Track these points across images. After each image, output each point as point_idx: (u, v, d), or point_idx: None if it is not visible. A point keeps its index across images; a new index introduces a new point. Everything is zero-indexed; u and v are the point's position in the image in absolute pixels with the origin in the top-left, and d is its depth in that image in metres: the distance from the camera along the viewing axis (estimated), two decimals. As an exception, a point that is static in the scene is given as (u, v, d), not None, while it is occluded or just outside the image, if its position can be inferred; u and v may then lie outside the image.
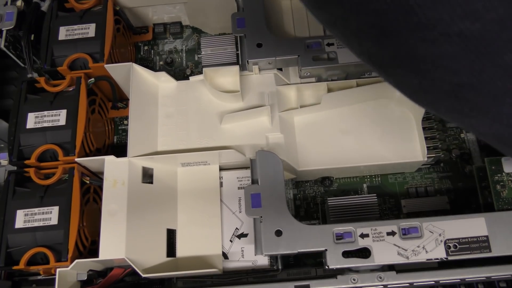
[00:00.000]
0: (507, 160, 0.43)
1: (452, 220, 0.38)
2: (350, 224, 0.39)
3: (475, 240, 0.37)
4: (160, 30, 0.55)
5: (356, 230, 0.38)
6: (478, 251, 0.37)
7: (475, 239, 0.37)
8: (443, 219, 0.38)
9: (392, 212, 0.47)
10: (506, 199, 0.42)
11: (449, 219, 0.38)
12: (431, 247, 0.37)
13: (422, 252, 0.37)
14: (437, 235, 0.38)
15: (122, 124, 0.53)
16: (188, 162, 0.45)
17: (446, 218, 0.38)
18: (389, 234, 0.38)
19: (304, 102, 0.47)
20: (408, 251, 0.37)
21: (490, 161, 0.43)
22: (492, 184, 0.43)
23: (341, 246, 0.38)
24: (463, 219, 0.38)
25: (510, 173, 0.43)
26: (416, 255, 0.37)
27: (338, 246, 0.38)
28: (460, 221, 0.38)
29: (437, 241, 0.38)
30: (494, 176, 0.43)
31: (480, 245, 0.37)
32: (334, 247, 0.38)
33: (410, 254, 0.37)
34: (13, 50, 0.50)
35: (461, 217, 0.38)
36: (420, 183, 0.48)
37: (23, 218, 0.40)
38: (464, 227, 0.38)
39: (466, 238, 0.38)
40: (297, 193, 0.49)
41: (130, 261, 0.39)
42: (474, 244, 0.37)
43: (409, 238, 0.38)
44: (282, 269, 0.44)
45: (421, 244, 0.37)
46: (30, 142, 0.43)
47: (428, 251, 0.37)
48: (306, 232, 0.38)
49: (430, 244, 0.38)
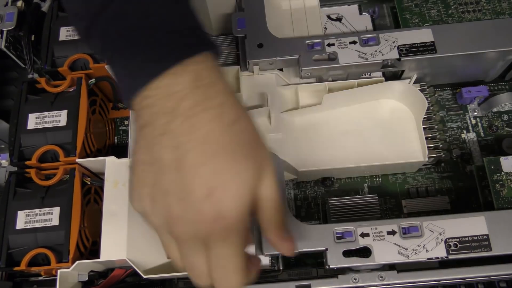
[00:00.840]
0: (506, 160, 0.43)
1: (452, 219, 0.38)
2: (350, 224, 0.39)
3: (475, 239, 0.38)
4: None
5: (356, 229, 0.38)
6: (478, 249, 0.37)
7: (475, 237, 0.38)
8: (443, 218, 0.38)
9: (393, 212, 0.47)
10: (505, 198, 0.42)
11: (449, 218, 0.38)
12: (431, 246, 0.38)
13: (423, 251, 0.37)
14: (437, 234, 0.38)
15: (123, 124, 0.53)
16: (188, 163, 0.45)
17: (446, 217, 0.39)
18: (389, 233, 0.38)
19: (305, 102, 0.47)
20: (409, 250, 0.37)
21: (489, 160, 0.43)
22: (491, 184, 0.43)
23: (342, 245, 0.38)
24: (463, 218, 0.38)
25: (509, 173, 0.43)
26: (417, 254, 0.37)
27: (339, 246, 0.38)
28: (460, 220, 0.38)
29: (438, 240, 0.38)
30: (494, 176, 0.43)
31: (480, 243, 0.37)
32: (334, 246, 0.38)
33: (410, 253, 0.37)
34: (13, 51, 0.50)
35: (461, 216, 0.39)
36: (420, 183, 0.48)
37: (24, 219, 0.40)
38: (464, 226, 0.38)
39: (466, 237, 0.38)
40: (298, 194, 0.49)
41: (131, 262, 0.39)
42: (475, 243, 0.37)
43: (409, 237, 0.38)
44: (283, 270, 0.44)
45: (422, 243, 0.38)
46: (30, 143, 0.43)
47: (429, 250, 0.37)
48: (307, 232, 0.38)
49: (430, 243, 0.38)
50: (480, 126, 0.50)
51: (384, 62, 0.45)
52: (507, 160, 0.43)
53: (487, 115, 0.50)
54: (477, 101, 0.50)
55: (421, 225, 0.38)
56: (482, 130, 0.50)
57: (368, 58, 0.44)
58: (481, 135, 0.50)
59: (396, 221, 0.38)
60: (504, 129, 0.50)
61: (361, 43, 0.45)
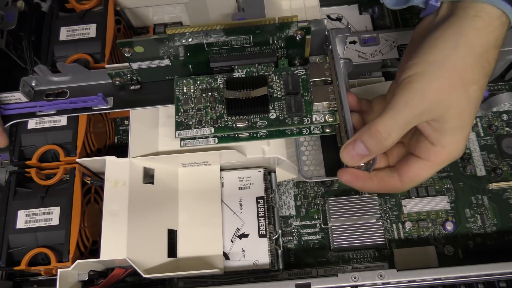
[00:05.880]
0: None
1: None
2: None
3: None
4: (160, 30, 0.55)
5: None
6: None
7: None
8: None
9: (393, 212, 0.47)
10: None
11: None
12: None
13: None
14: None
15: (123, 124, 0.53)
16: (189, 163, 0.45)
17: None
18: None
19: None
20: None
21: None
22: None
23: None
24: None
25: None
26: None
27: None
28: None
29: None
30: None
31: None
32: None
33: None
34: (13, 51, 0.50)
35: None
36: (420, 183, 0.48)
37: (24, 219, 0.40)
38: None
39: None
40: (298, 193, 0.49)
41: (131, 262, 0.39)
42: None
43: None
44: (283, 269, 0.44)
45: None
46: (31, 143, 0.43)
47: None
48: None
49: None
50: (480, 126, 0.50)
51: (384, 62, 0.45)
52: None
53: (487, 115, 0.50)
54: (477, 101, 0.50)
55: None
56: (482, 130, 0.50)
57: (368, 58, 0.44)
58: (481, 135, 0.50)
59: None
60: (504, 129, 0.50)
61: (361, 43, 0.45)
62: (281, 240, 0.46)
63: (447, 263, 0.45)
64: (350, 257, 0.46)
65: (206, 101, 0.40)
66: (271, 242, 0.43)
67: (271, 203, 0.45)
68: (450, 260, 0.45)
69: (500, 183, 0.48)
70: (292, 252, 0.47)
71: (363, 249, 0.46)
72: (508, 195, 0.48)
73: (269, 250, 0.43)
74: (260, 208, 0.44)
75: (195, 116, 0.39)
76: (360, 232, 0.45)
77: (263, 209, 0.44)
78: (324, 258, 0.46)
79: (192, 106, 0.40)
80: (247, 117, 0.38)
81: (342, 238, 0.45)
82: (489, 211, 0.47)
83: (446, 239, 0.46)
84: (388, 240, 0.46)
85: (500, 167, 0.48)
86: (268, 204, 0.44)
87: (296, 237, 0.47)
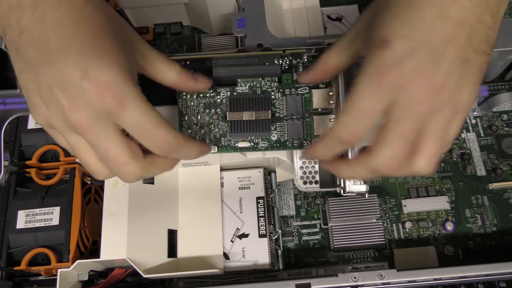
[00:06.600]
0: None
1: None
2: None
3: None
4: (160, 30, 0.55)
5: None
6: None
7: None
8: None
9: (393, 212, 0.47)
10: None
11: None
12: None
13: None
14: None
15: (123, 124, 0.53)
16: (189, 162, 0.45)
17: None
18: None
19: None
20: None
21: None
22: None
23: None
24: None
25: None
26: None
27: None
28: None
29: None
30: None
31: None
32: None
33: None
34: (13, 51, 0.50)
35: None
36: (420, 183, 0.48)
37: (24, 219, 0.40)
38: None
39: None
40: (298, 193, 0.49)
41: (131, 262, 0.39)
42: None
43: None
44: (283, 269, 0.44)
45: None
46: (31, 143, 0.43)
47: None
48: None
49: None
50: (480, 126, 0.50)
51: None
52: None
53: (487, 115, 0.50)
54: (477, 101, 0.50)
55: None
56: (482, 130, 0.50)
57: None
58: (481, 135, 0.50)
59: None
60: (504, 129, 0.50)
61: None
62: (281, 240, 0.46)
63: (447, 263, 0.45)
64: (350, 257, 0.46)
65: (210, 118, 0.40)
66: (271, 242, 0.43)
67: (271, 203, 0.45)
68: (450, 260, 0.45)
69: (500, 183, 0.48)
70: (292, 252, 0.47)
71: (363, 249, 0.46)
72: (508, 195, 0.48)
73: (269, 250, 0.43)
74: (260, 208, 0.44)
75: (198, 133, 0.40)
76: (360, 232, 0.45)
77: (263, 209, 0.44)
78: (324, 258, 0.46)
79: (196, 122, 0.40)
80: (249, 137, 0.39)
81: (342, 238, 0.45)
82: (489, 211, 0.47)
83: (446, 239, 0.46)
84: (388, 240, 0.46)
85: (500, 167, 0.48)
86: (268, 204, 0.44)
87: (296, 237, 0.47)
